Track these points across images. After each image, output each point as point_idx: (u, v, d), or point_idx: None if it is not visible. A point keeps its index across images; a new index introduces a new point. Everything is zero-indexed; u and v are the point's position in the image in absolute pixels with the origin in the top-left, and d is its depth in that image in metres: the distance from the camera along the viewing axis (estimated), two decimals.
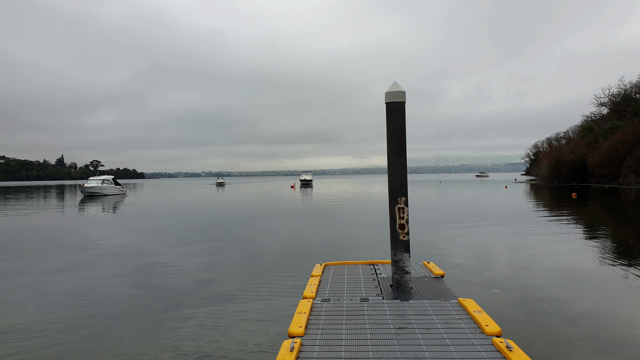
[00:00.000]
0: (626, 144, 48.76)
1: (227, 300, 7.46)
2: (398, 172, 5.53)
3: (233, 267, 10.20)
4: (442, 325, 4.15)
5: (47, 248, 13.66)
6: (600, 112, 71.33)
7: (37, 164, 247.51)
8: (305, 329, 4.04)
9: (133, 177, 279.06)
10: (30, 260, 11.45)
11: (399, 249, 5.45)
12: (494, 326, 3.97)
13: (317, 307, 4.71)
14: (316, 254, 10.96)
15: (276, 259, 11.08)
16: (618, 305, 6.93)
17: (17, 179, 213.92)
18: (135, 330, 6.10)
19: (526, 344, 4.22)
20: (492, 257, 10.99)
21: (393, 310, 4.59)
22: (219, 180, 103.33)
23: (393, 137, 5.56)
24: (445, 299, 4.94)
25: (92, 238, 15.84)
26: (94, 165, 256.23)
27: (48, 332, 6.05)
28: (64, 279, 9.23)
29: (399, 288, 5.41)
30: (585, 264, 9.93)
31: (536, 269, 9.47)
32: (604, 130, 59.25)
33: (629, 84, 63.91)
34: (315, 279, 5.81)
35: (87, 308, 7.18)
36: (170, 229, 18.41)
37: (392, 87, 5.59)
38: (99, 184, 50.18)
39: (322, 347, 3.67)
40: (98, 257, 11.77)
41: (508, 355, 3.37)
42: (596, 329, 5.84)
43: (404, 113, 5.59)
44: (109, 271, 9.96)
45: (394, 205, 5.49)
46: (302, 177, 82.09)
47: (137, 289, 8.37)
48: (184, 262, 10.75)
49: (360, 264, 6.84)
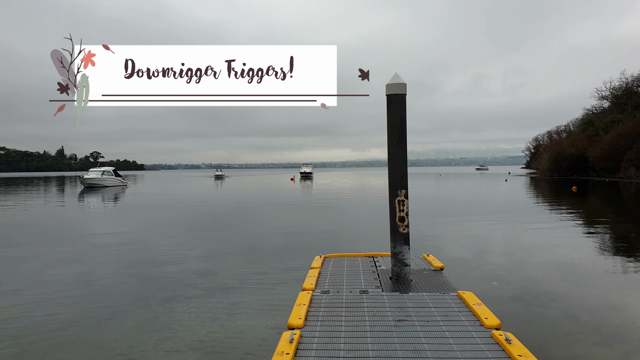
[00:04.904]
0: (627, 137, 48.65)
1: (227, 291, 7.47)
2: (398, 165, 5.51)
3: (232, 258, 10.21)
4: (441, 317, 4.15)
5: (47, 239, 13.67)
6: (601, 105, 71.18)
7: (37, 155, 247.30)
8: (304, 320, 4.04)
9: (133, 169, 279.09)
10: (31, 251, 11.46)
11: (398, 242, 5.44)
12: (493, 319, 3.97)
13: (316, 299, 4.71)
14: (316, 246, 10.97)
15: (276, 250, 11.09)
16: (618, 298, 6.94)
17: (18, 170, 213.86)
18: (135, 321, 6.11)
19: (525, 337, 4.23)
20: (491, 250, 11.00)
21: (392, 303, 4.59)
22: (217, 172, 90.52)
23: (394, 130, 5.54)
24: (444, 292, 4.94)
25: (91, 229, 15.85)
26: (94, 157, 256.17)
27: (48, 323, 6.07)
28: (63, 270, 9.24)
29: (399, 280, 5.41)
30: (585, 257, 9.94)
31: (536, 262, 9.48)
32: (604, 124, 59.10)
33: (630, 77, 63.71)
34: (315, 271, 5.81)
35: (87, 298, 7.20)
36: (169, 220, 18.42)
37: (393, 79, 5.55)
38: (99, 175, 50.14)
39: (321, 339, 3.68)
40: (98, 247, 11.79)
41: (507, 347, 3.37)
42: (595, 322, 5.85)
43: (405, 105, 5.56)
44: (109, 262, 9.97)
45: (394, 197, 5.48)
46: (302, 170, 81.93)
47: (137, 279, 8.38)
48: (183, 253, 10.76)
49: (360, 256, 6.84)
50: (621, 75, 69.11)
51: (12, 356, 5.04)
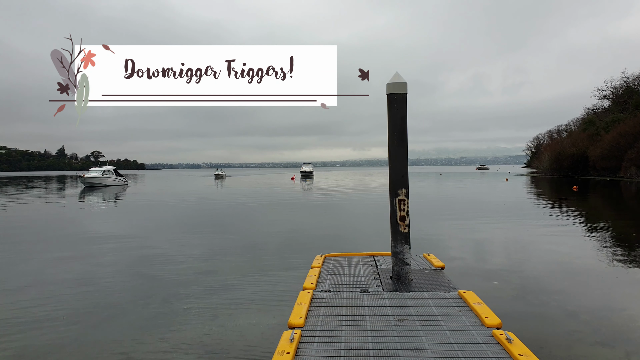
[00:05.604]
0: (628, 136, 48.61)
1: (227, 290, 7.47)
2: (399, 164, 5.51)
3: (233, 258, 10.21)
4: (442, 317, 4.15)
5: (47, 238, 13.68)
6: (602, 104, 71.09)
7: (38, 155, 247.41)
8: (305, 320, 4.04)
9: (134, 168, 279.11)
10: (31, 250, 11.47)
11: (399, 241, 5.44)
12: (494, 318, 3.97)
13: (317, 299, 4.71)
14: (316, 245, 10.97)
15: (276, 250, 11.09)
16: (619, 298, 6.93)
17: (18, 170, 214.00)
18: (136, 320, 6.12)
19: (526, 336, 4.23)
20: (492, 250, 10.99)
21: (393, 302, 4.59)
22: (217, 171, 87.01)
23: (394, 129, 5.53)
24: (445, 291, 4.94)
25: (92, 228, 15.86)
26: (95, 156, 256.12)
27: (49, 321, 6.07)
28: (64, 269, 9.24)
29: (399, 280, 5.41)
30: (585, 256, 9.93)
31: (536, 261, 9.47)
32: (605, 123, 59.04)
33: (631, 76, 63.64)
34: (316, 270, 5.81)
35: (88, 298, 7.20)
36: (169, 219, 18.43)
37: (394, 78, 5.54)
38: (100, 174, 50.19)
39: (322, 338, 3.68)
40: (98, 247, 11.79)
41: (508, 347, 3.37)
42: (596, 322, 5.84)
43: (406, 104, 5.56)
44: (109, 261, 9.98)
45: (394, 197, 5.47)
46: (302, 169, 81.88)
47: (138, 279, 8.39)
48: (184, 253, 10.77)
49: (361, 256, 6.84)
50: (622, 74, 69.02)
51: (13, 355, 5.04)
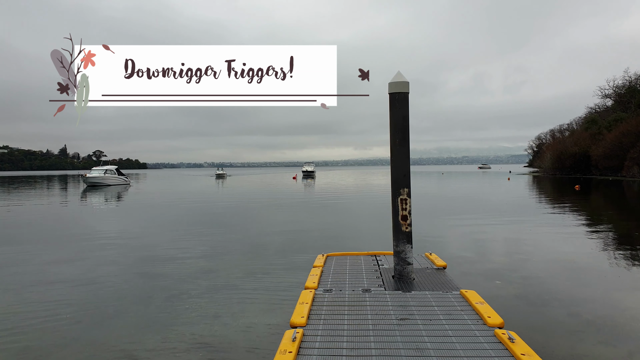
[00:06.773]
0: (630, 136, 48.49)
1: (229, 290, 7.47)
2: (401, 163, 5.50)
3: (235, 257, 10.21)
4: (444, 316, 4.13)
5: (49, 237, 13.70)
6: (604, 103, 70.93)
7: (40, 154, 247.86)
8: (307, 319, 4.03)
9: (136, 168, 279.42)
10: (33, 250, 11.48)
11: (401, 240, 5.43)
12: (496, 317, 3.95)
13: (319, 298, 4.70)
14: (318, 245, 10.96)
15: (278, 249, 11.09)
16: (621, 297, 6.91)
17: (21, 169, 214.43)
18: (138, 320, 6.12)
19: (528, 336, 4.21)
20: (494, 249, 10.97)
21: (395, 301, 4.58)
22: (218, 171, 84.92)
23: (396, 128, 5.52)
24: (447, 290, 4.93)
25: (94, 228, 15.88)
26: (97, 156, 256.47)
27: (51, 321, 6.07)
28: (65, 269, 9.25)
29: (401, 279, 5.39)
30: (588, 256, 9.91)
31: (539, 260, 9.45)
32: (607, 122, 58.90)
33: (634, 75, 63.44)
34: (317, 270, 5.81)
35: (90, 297, 7.20)
36: (171, 218, 18.44)
37: (396, 78, 5.53)
38: (102, 174, 50.27)
39: (324, 338, 3.67)
40: (100, 246, 11.80)
41: (510, 346, 3.36)
42: (599, 321, 5.82)
43: (407, 104, 5.54)
44: (111, 260, 9.98)
45: (396, 196, 5.46)
46: (304, 169, 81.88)
47: (140, 278, 8.39)
48: (186, 252, 10.77)
49: (363, 255, 6.83)
50: (624, 73, 68.81)
51: (14, 354, 5.04)
